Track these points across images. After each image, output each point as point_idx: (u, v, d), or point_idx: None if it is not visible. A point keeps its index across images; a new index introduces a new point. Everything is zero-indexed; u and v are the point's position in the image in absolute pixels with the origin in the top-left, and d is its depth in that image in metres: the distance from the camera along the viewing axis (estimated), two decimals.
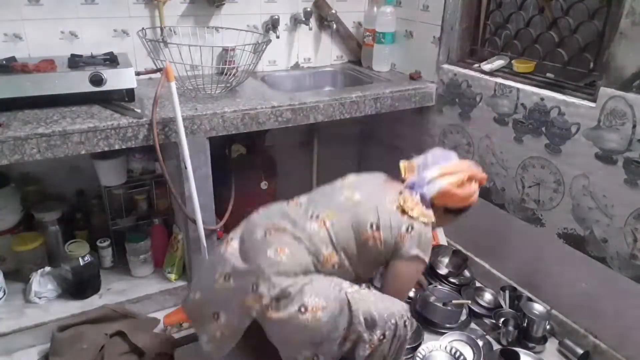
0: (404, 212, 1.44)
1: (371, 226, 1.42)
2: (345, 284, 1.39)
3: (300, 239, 1.40)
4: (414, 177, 1.52)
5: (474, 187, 1.53)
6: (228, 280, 1.40)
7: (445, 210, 1.55)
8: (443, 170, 1.50)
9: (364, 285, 1.46)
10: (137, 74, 1.81)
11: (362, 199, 1.47)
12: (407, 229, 1.43)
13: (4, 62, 1.67)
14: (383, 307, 1.37)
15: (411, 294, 2.09)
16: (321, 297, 1.33)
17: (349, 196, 1.49)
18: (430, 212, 1.48)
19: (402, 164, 1.59)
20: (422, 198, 1.49)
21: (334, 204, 1.48)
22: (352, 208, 1.45)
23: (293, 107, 1.88)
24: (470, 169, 1.54)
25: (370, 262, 1.49)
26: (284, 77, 2.40)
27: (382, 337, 1.35)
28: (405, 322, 1.39)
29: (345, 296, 1.35)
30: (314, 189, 1.62)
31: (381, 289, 1.54)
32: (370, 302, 1.37)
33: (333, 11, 2.33)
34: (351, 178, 1.60)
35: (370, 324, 1.34)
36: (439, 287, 2.12)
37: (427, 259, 1.47)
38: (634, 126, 1.50)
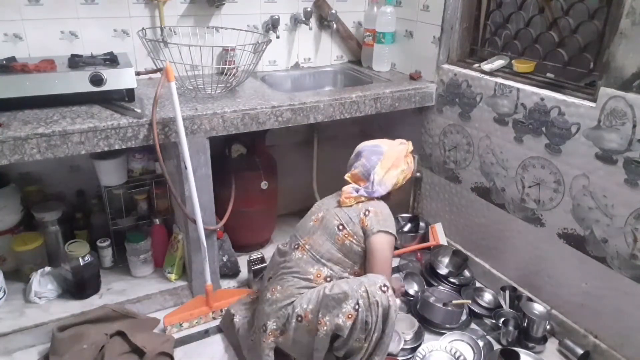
0: (357, 202, 1.67)
1: (338, 228, 1.64)
2: (329, 284, 1.55)
3: (291, 268, 1.63)
4: (365, 184, 1.71)
5: (410, 161, 1.79)
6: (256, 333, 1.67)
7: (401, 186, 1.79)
8: (384, 167, 1.71)
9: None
10: (137, 74, 1.81)
11: (325, 213, 1.69)
12: (365, 213, 1.64)
13: (4, 62, 1.67)
14: (354, 281, 1.53)
15: (411, 291, 2.10)
16: (310, 303, 1.52)
17: (315, 217, 1.71)
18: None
19: (347, 177, 1.76)
20: (379, 195, 1.70)
21: (307, 230, 1.69)
22: (320, 225, 1.67)
23: (293, 107, 1.88)
24: (402, 150, 1.77)
25: (359, 258, 1.65)
26: (284, 77, 2.40)
27: (356, 305, 1.46)
28: (380, 287, 1.49)
29: (324, 289, 1.52)
30: (296, 227, 1.78)
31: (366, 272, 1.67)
32: (344, 282, 1.53)
33: (333, 11, 2.33)
34: (316, 203, 1.80)
35: (343, 297, 1.47)
36: (439, 287, 2.12)
37: (390, 230, 1.64)
38: (634, 126, 1.50)
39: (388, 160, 1.72)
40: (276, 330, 1.57)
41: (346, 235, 1.62)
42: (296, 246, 1.67)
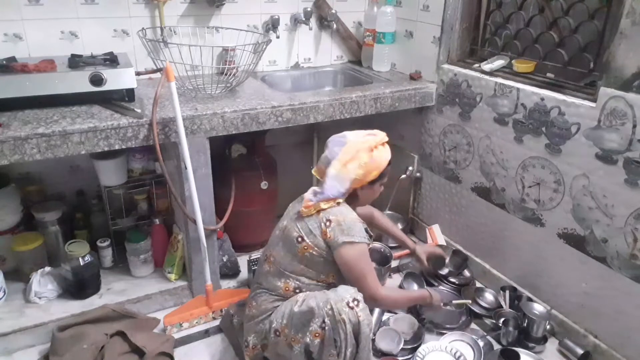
0: (317, 211, 1.51)
1: (297, 240, 1.52)
2: (301, 295, 1.50)
3: (261, 284, 1.59)
4: (325, 180, 1.53)
5: (377, 154, 1.54)
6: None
7: (370, 183, 1.57)
8: (342, 160, 1.51)
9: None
10: (137, 74, 1.81)
11: (287, 223, 1.58)
12: (326, 224, 1.49)
13: (4, 62, 1.67)
14: (321, 297, 1.45)
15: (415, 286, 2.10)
16: (284, 318, 1.48)
17: (280, 226, 1.61)
18: (333, 201, 1.52)
19: (313, 171, 1.64)
20: (338, 193, 1.52)
21: (273, 241, 1.61)
22: (282, 235, 1.57)
23: (293, 107, 1.88)
24: (367, 141, 1.54)
25: (326, 267, 1.54)
26: (284, 77, 2.40)
27: (322, 324, 1.41)
28: (348, 303, 1.41)
29: (293, 305, 1.47)
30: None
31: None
32: (312, 298, 1.45)
33: (333, 11, 2.33)
34: (289, 206, 1.68)
35: (309, 315, 1.42)
36: (439, 287, 2.12)
37: (356, 239, 1.49)
38: (634, 126, 1.50)
39: (347, 153, 1.52)
40: (257, 345, 1.56)
41: (306, 248, 1.50)
42: (265, 257, 1.62)
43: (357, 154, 1.51)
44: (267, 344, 1.54)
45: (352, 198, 1.59)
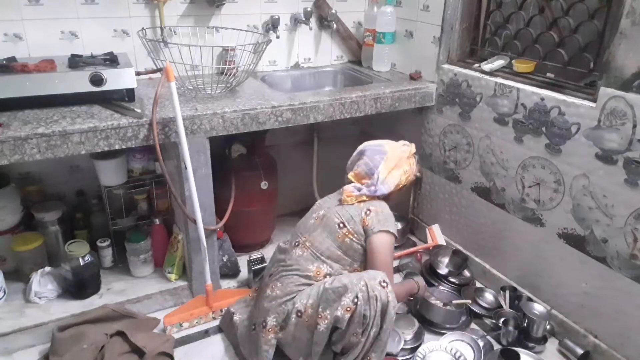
0: (358, 201, 1.69)
1: (339, 226, 1.66)
2: (329, 278, 1.59)
3: (291, 266, 1.65)
4: (369, 182, 1.72)
5: (412, 163, 1.80)
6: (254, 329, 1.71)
7: (402, 187, 1.78)
8: (387, 167, 1.72)
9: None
10: (137, 74, 1.81)
11: (326, 212, 1.72)
12: (366, 213, 1.66)
13: (4, 62, 1.67)
14: (354, 275, 1.56)
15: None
16: (309, 298, 1.55)
17: (316, 216, 1.74)
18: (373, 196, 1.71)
19: (350, 176, 1.78)
20: (382, 195, 1.72)
21: (308, 228, 1.72)
22: (321, 223, 1.70)
23: (293, 107, 1.88)
24: (405, 151, 1.79)
25: (362, 257, 1.67)
26: (284, 77, 2.40)
27: (355, 299, 1.47)
28: (380, 282, 1.50)
29: (324, 284, 1.55)
30: (297, 224, 1.80)
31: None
32: (345, 276, 1.56)
33: (333, 11, 2.33)
34: (317, 202, 1.83)
35: (342, 290, 1.49)
36: (439, 287, 2.12)
37: (391, 230, 1.66)
38: (634, 126, 1.50)
39: (391, 161, 1.73)
40: (276, 327, 1.59)
41: (347, 233, 1.64)
42: (296, 243, 1.69)
43: (400, 162, 1.75)
44: (286, 326, 1.58)
45: (385, 198, 1.75)
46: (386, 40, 2.35)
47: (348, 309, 1.47)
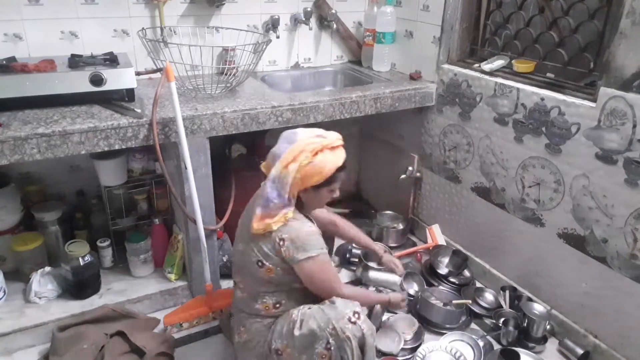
0: (267, 231, 1.44)
1: (258, 264, 1.47)
2: (295, 312, 1.47)
3: (242, 310, 1.57)
4: (268, 181, 1.47)
5: (322, 159, 1.42)
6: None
7: (313, 187, 1.47)
8: (284, 161, 1.43)
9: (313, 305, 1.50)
10: (137, 74, 1.81)
11: (244, 248, 1.52)
12: (279, 244, 1.44)
13: (4, 62, 1.67)
14: (320, 316, 1.42)
15: (411, 291, 2.10)
16: (282, 338, 1.46)
17: (238, 249, 1.57)
18: (282, 212, 1.44)
19: (262, 166, 1.57)
20: (279, 198, 1.44)
21: (237, 267, 1.60)
22: (242, 260, 1.53)
23: (293, 107, 1.88)
24: (312, 143, 1.43)
25: (295, 277, 1.48)
26: (284, 77, 2.40)
27: (327, 344, 1.39)
28: (349, 319, 1.39)
29: (292, 327, 1.44)
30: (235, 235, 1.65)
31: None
32: (312, 318, 1.42)
33: (333, 11, 2.33)
34: (241, 217, 1.61)
35: (312, 338, 1.40)
36: (439, 287, 2.12)
37: (313, 254, 1.44)
38: (634, 126, 1.50)
39: (291, 153, 1.42)
40: None
41: (269, 271, 1.46)
42: (235, 284, 1.61)
43: (299, 155, 1.41)
44: None
45: (300, 204, 1.51)
46: (386, 40, 2.35)
47: (323, 355, 1.40)
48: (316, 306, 1.47)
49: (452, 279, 2.14)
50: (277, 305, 1.52)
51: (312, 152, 1.42)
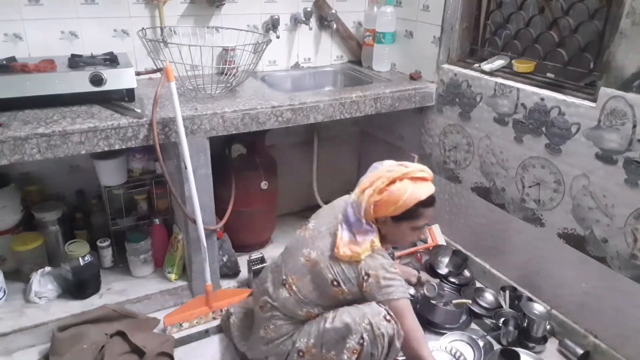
0: (355, 260, 1.43)
1: (332, 284, 1.45)
2: (329, 313, 1.46)
3: (279, 309, 1.52)
4: (349, 203, 1.49)
5: (398, 187, 1.42)
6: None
7: (392, 219, 1.47)
8: (362, 186, 1.46)
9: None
10: (137, 74, 1.81)
11: (318, 258, 1.47)
12: (364, 278, 1.43)
13: (4, 62, 1.67)
14: (356, 312, 1.41)
15: (412, 291, 2.09)
16: (310, 337, 1.45)
17: (307, 256, 1.50)
18: (368, 239, 1.44)
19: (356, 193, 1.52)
20: (358, 222, 1.45)
21: (296, 268, 1.51)
22: (311, 270, 1.48)
23: (293, 107, 1.88)
24: (391, 172, 1.44)
25: (354, 301, 1.47)
26: (284, 77, 2.40)
27: (360, 340, 1.39)
28: (385, 316, 1.40)
29: (324, 322, 1.44)
30: (289, 244, 1.62)
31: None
32: (346, 312, 1.42)
33: (333, 11, 2.33)
34: (311, 225, 1.58)
35: (345, 331, 1.39)
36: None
37: (396, 296, 1.43)
38: (634, 126, 1.50)
39: (370, 178, 1.45)
40: None
41: (340, 292, 1.45)
42: (283, 282, 1.52)
43: (376, 181, 1.43)
44: None
45: (382, 237, 1.49)
46: (386, 40, 2.35)
47: (354, 351, 1.38)
48: (352, 305, 1.46)
49: (452, 279, 2.14)
50: (319, 314, 1.50)
51: (389, 179, 1.42)
